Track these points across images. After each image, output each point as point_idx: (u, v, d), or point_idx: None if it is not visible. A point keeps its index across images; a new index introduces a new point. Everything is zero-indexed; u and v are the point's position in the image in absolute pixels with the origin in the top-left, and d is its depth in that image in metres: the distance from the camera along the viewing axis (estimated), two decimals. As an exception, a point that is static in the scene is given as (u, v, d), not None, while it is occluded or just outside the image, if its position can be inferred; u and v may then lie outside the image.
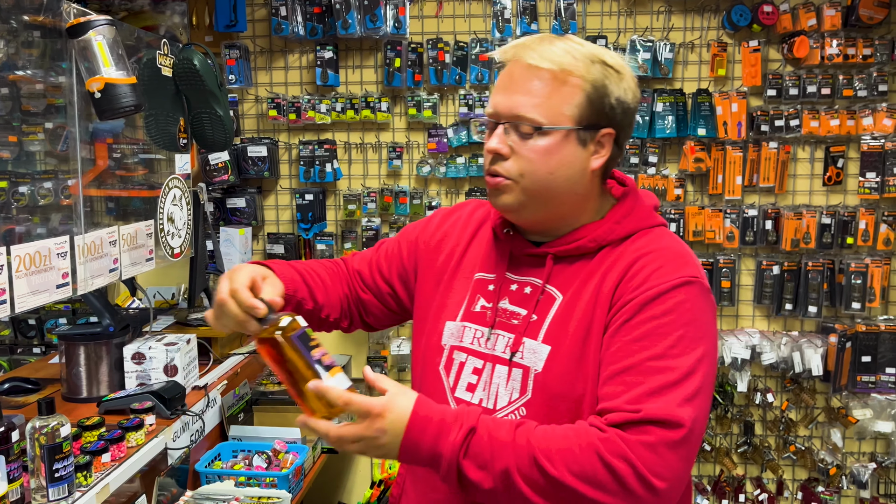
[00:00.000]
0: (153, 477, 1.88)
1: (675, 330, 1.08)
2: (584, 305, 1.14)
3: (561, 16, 3.01)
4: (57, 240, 1.66)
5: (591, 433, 1.03)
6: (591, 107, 1.15)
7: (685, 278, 1.11)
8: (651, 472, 1.00)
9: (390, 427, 1.04)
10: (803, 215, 3.02)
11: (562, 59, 1.14)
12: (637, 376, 1.06)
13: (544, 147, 1.14)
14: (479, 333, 1.22)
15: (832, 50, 2.93)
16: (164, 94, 2.12)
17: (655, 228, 1.21)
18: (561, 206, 1.19)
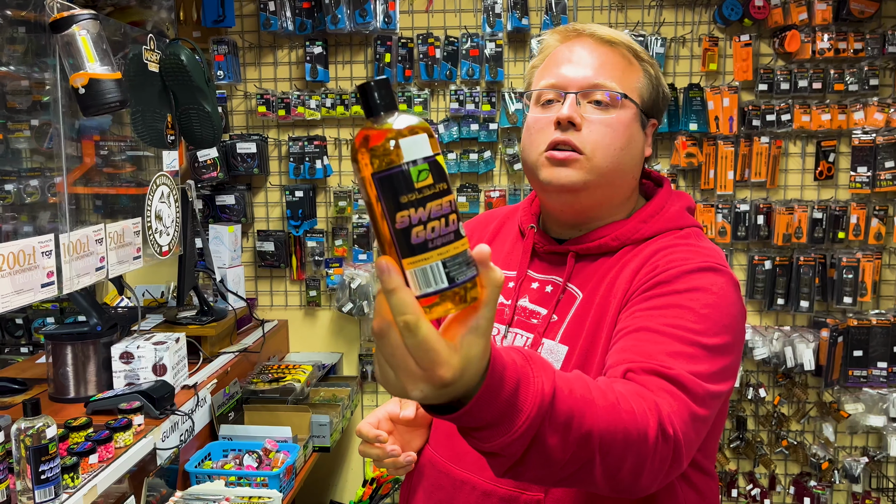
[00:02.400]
0: (142, 478, 1.86)
1: (699, 308, 0.98)
2: (598, 303, 1.10)
3: (552, 10, 3.00)
4: (41, 238, 1.64)
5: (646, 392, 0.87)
6: (652, 92, 1.17)
7: (711, 264, 1.05)
8: (687, 447, 0.87)
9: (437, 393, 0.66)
10: (795, 210, 3.02)
11: (630, 40, 1.17)
12: (656, 336, 0.95)
13: (620, 119, 1.12)
14: (496, 331, 1.18)
15: (823, 44, 2.93)
16: (151, 90, 2.09)
17: (683, 230, 1.16)
18: (620, 189, 1.17)
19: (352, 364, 3.27)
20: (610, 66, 1.14)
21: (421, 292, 0.62)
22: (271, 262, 3.19)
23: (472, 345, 0.65)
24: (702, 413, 0.90)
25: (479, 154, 3.11)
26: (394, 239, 0.62)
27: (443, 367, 0.63)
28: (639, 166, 1.18)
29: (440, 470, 1.18)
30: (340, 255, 3.18)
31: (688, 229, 1.17)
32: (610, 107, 1.12)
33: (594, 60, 1.14)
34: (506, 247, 1.27)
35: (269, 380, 2.66)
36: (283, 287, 3.26)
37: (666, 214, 1.17)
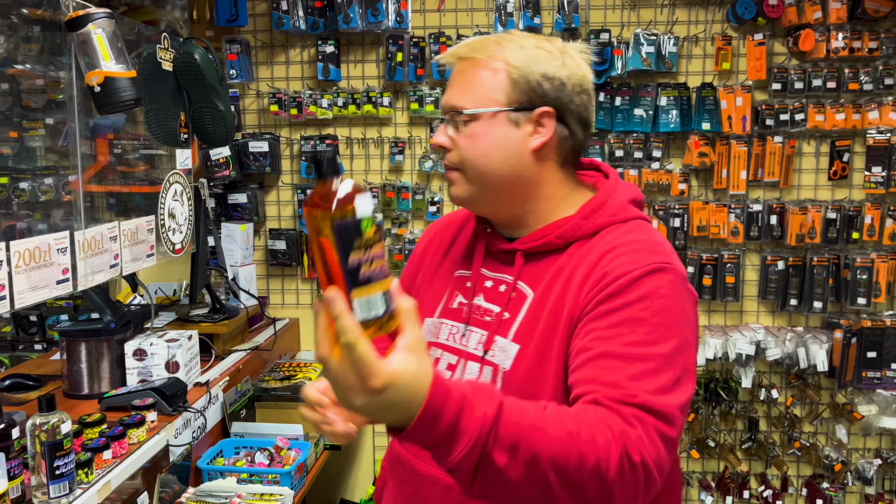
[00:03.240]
0: (155, 474, 1.87)
1: (651, 316, 1.03)
2: (552, 304, 1.12)
3: (564, 9, 2.99)
4: (57, 235, 1.65)
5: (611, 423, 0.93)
6: (515, 87, 1.15)
7: (657, 265, 1.08)
8: (653, 462, 0.93)
9: (377, 403, 0.79)
10: (808, 210, 3.00)
11: (482, 45, 1.17)
12: (617, 361, 1.00)
13: (473, 131, 1.16)
14: (455, 330, 1.22)
15: (838, 43, 2.91)
16: (164, 88, 2.10)
17: (628, 223, 1.17)
18: (508, 190, 1.18)
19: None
20: (463, 84, 1.17)
21: (362, 318, 0.77)
22: (283, 261, 3.20)
23: (402, 360, 0.79)
24: (671, 431, 0.97)
25: (490, 153, 3.10)
26: (345, 275, 0.77)
27: (374, 377, 0.77)
28: (521, 163, 1.16)
29: (406, 465, 1.22)
30: (352, 253, 3.18)
31: (632, 222, 1.18)
32: (469, 122, 1.16)
33: (453, 82, 1.19)
34: (464, 246, 1.31)
35: (281, 378, 2.67)
36: (294, 285, 3.27)
37: (609, 209, 1.18)
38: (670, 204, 3.08)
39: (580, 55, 1.19)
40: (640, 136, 3.06)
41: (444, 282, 1.29)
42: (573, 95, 1.16)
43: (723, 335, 3.06)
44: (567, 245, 1.16)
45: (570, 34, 3.05)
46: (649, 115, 3.03)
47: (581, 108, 1.18)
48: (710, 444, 3.15)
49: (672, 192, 3.07)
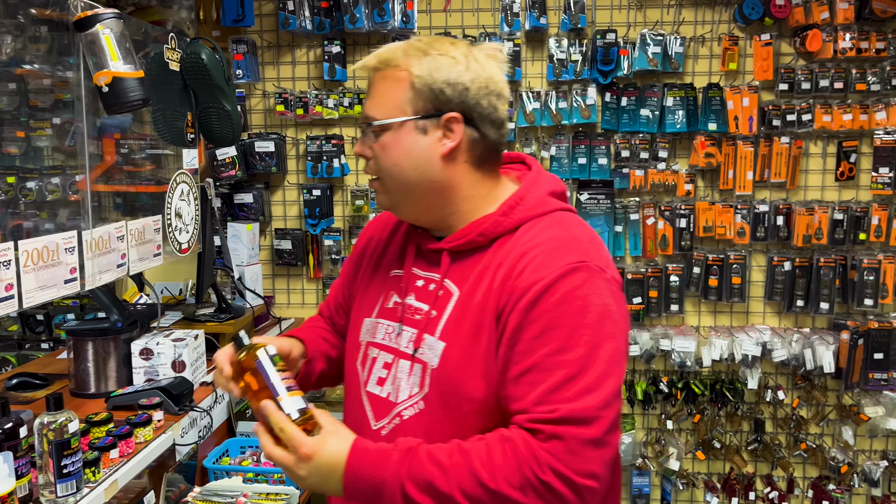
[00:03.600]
0: (161, 473, 1.88)
1: (568, 320, 1.08)
2: (477, 302, 1.16)
3: (570, 9, 2.99)
4: (65, 235, 1.66)
5: (520, 447, 1.05)
6: (419, 95, 1.17)
7: (569, 266, 1.11)
8: (582, 476, 1.03)
9: (316, 470, 1.08)
10: (815, 211, 2.99)
11: (389, 55, 1.19)
12: (539, 374, 1.07)
13: (385, 141, 1.19)
14: (390, 329, 1.26)
15: (845, 44, 2.90)
16: (171, 88, 2.11)
17: (546, 217, 1.20)
18: (424, 195, 1.21)
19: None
20: (374, 96, 1.21)
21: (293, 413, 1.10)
22: (288, 261, 3.21)
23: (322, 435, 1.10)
24: (595, 432, 1.04)
25: (496, 153, 3.10)
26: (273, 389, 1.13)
27: (302, 446, 1.07)
28: (432, 169, 1.19)
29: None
30: (357, 253, 3.18)
31: (551, 215, 1.20)
32: (381, 132, 1.19)
33: (369, 92, 1.23)
34: (400, 247, 1.33)
35: (287, 377, 2.67)
36: (300, 285, 3.27)
37: (528, 203, 1.20)
38: (676, 204, 3.07)
39: (487, 58, 1.20)
40: (646, 136, 3.05)
41: (381, 282, 1.32)
42: (479, 98, 1.18)
43: (729, 336, 3.06)
44: (490, 242, 1.19)
45: (576, 34, 3.05)
46: (655, 115, 3.02)
47: (490, 109, 1.19)
48: (715, 446, 3.15)
49: (678, 193, 3.07)
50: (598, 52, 2.98)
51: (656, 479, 3.26)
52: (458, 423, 1.15)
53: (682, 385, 3.13)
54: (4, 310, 1.46)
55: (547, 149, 3.10)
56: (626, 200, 3.12)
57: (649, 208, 3.09)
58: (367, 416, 1.25)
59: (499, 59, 1.22)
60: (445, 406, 1.15)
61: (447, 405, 1.15)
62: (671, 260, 3.15)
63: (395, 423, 1.20)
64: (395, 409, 1.20)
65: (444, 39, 1.21)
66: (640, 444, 3.22)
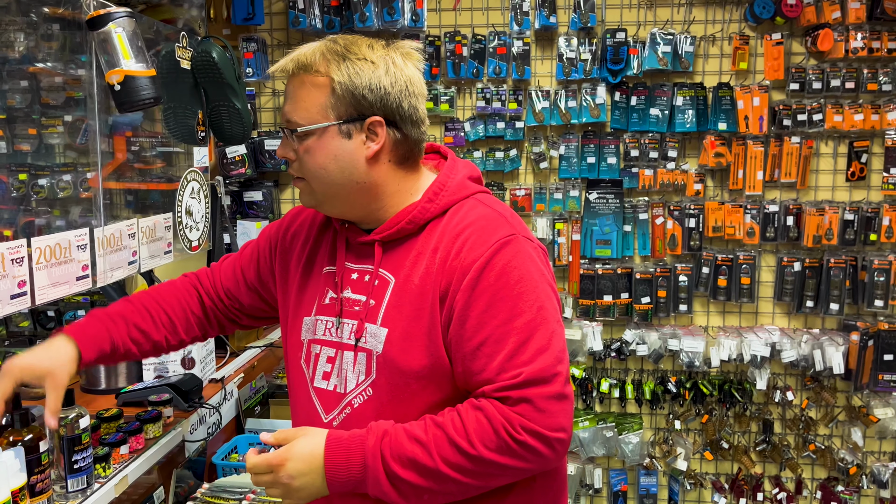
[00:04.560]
0: (171, 469, 1.89)
1: (510, 290, 1.16)
2: (416, 284, 1.20)
3: (580, 8, 2.98)
4: (77, 232, 1.67)
5: (492, 413, 1.12)
6: (341, 101, 1.20)
7: (501, 240, 1.18)
8: (553, 430, 1.11)
9: (296, 471, 1.15)
10: (825, 211, 2.98)
11: (307, 60, 1.21)
12: (494, 345, 1.14)
13: (309, 146, 1.22)
14: (330, 324, 1.29)
15: (857, 43, 2.89)
16: (182, 87, 2.11)
17: (469, 199, 1.26)
18: (350, 196, 1.24)
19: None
20: (293, 100, 1.23)
21: None
22: (297, 259, 3.21)
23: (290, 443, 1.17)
24: (555, 387, 1.13)
25: (504, 152, 3.11)
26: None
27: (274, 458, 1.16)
28: (358, 170, 1.23)
29: None
30: (366, 251, 3.19)
31: (473, 198, 1.27)
32: (305, 137, 1.22)
33: (288, 96, 1.25)
34: (329, 243, 1.36)
35: (295, 375, 2.68)
36: (308, 283, 3.28)
37: (450, 188, 1.26)
38: (686, 204, 3.06)
39: (404, 59, 1.23)
40: (655, 135, 3.04)
41: (316, 280, 1.35)
42: (400, 101, 1.22)
43: (738, 336, 3.05)
44: (420, 228, 1.24)
45: (586, 33, 3.04)
46: (665, 114, 3.01)
47: (411, 110, 1.23)
48: (723, 446, 3.14)
49: (688, 193, 3.06)
50: (608, 51, 2.98)
51: (664, 479, 3.25)
52: (407, 403, 1.20)
53: (691, 385, 3.12)
54: (17, 306, 1.48)
55: (556, 148, 3.09)
56: (636, 200, 3.12)
57: (658, 208, 3.08)
58: (317, 411, 1.28)
59: (415, 59, 1.25)
60: (394, 388, 1.20)
61: (396, 387, 1.20)
62: (680, 260, 3.14)
63: (345, 412, 1.24)
64: (345, 400, 1.24)
65: (361, 41, 1.23)
66: (648, 444, 3.22)
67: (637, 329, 3.11)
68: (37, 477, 1.37)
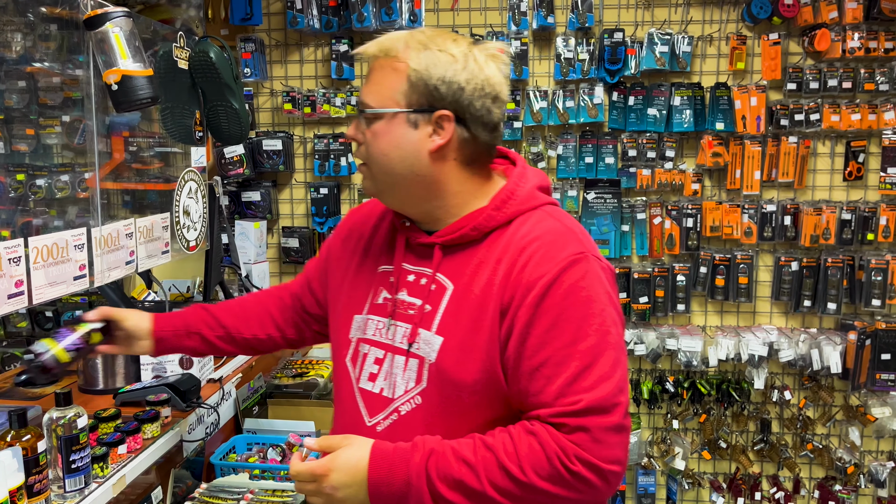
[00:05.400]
0: (169, 469, 1.89)
1: (577, 311, 1.11)
2: (476, 295, 1.17)
3: (578, 8, 2.98)
4: (74, 232, 1.67)
5: (546, 440, 1.08)
6: (414, 89, 1.17)
7: (570, 258, 1.13)
8: (608, 462, 1.07)
9: (339, 482, 1.12)
10: (823, 211, 2.99)
11: (390, 45, 1.19)
12: (555, 368, 1.10)
13: (376, 130, 1.20)
14: (381, 324, 1.26)
15: (854, 43, 2.89)
16: (180, 87, 2.11)
17: (537, 210, 1.22)
18: (408, 187, 1.21)
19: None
20: (370, 83, 1.22)
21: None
22: (296, 259, 3.22)
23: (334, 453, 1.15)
24: (615, 417, 1.08)
25: (503, 152, 3.11)
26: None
27: (318, 468, 1.14)
28: (419, 163, 1.19)
29: None
30: (364, 251, 3.19)
31: (542, 209, 1.22)
32: (374, 120, 1.20)
33: (367, 78, 1.24)
34: (385, 241, 1.33)
35: (293, 374, 2.68)
36: (306, 283, 3.28)
37: (519, 197, 1.22)
38: (683, 204, 3.07)
39: (487, 58, 1.20)
40: (653, 135, 3.05)
41: (369, 278, 1.32)
42: (473, 99, 1.18)
43: (735, 336, 3.05)
44: (484, 236, 1.20)
45: (583, 33, 3.04)
46: (663, 114, 3.02)
47: (483, 111, 1.19)
48: (721, 445, 3.14)
49: (685, 192, 3.06)
50: (606, 51, 2.98)
51: (662, 479, 3.26)
52: (458, 417, 1.16)
53: (689, 385, 3.13)
54: (14, 306, 1.48)
55: (554, 148, 3.10)
56: (633, 200, 3.12)
57: (656, 208, 3.09)
58: (360, 412, 1.25)
59: (500, 61, 1.21)
60: (445, 400, 1.16)
61: (447, 398, 1.16)
62: (678, 259, 3.14)
63: (392, 419, 1.21)
64: (392, 405, 1.20)
65: (447, 35, 1.21)
66: (646, 444, 3.22)
67: (635, 329, 3.11)
68: (35, 477, 1.37)
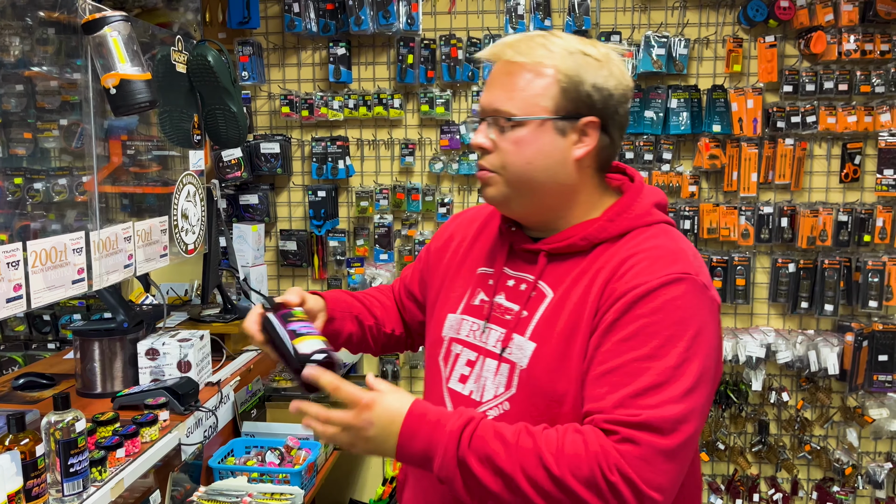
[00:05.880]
0: (167, 472, 1.89)
1: (664, 329, 1.05)
2: (573, 304, 1.13)
3: (574, 11, 2.99)
4: (72, 235, 1.67)
5: (592, 441, 1.01)
6: (565, 96, 1.14)
7: (675, 275, 1.08)
8: (648, 486, 0.99)
9: (377, 419, 1.06)
10: (820, 212, 3.00)
11: (535, 51, 1.15)
12: (624, 377, 1.04)
13: (519, 138, 1.15)
14: (476, 326, 1.24)
15: (849, 45, 2.90)
16: (178, 90, 2.12)
17: (652, 227, 1.18)
18: (546, 196, 1.18)
19: (372, 363, 3.29)
20: (509, 88, 1.15)
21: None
22: (294, 262, 3.22)
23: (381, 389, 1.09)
24: (671, 443, 1.01)
25: (500, 155, 3.11)
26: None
27: (364, 397, 1.07)
28: (563, 171, 1.17)
29: None
30: (362, 254, 3.20)
31: (656, 226, 1.18)
32: (514, 127, 1.15)
33: (498, 84, 1.17)
34: (488, 244, 1.31)
35: (292, 377, 2.68)
36: (305, 286, 3.29)
37: (633, 212, 1.18)
38: (680, 206, 3.07)
39: (621, 61, 1.19)
40: (650, 137, 3.06)
41: (467, 279, 1.30)
42: (618, 105, 1.16)
43: (733, 338, 3.06)
44: (591, 247, 1.16)
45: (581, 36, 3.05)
46: (660, 117, 3.03)
47: (624, 117, 1.19)
48: (719, 447, 3.15)
49: (682, 195, 3.07)
50: (603, 54, 2.98)
51: (660, 481, 3.26)
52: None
53: (686, 386, 3.13)
54: (13, 310, 1.48)
55: (551, 150, 3.10)
56: (631, 202, 3.12)
57: (653, 210, 3.09)
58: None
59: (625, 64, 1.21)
60: (533, 408, 1.13)
61: (535, 407, 1.12)
62: (675, 261, 3.14)
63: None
64: (479, 409, 1.17)
65: (580, 38, 1.18)
66: (644, 446, 3.22)
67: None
68: (33, 481, 1.37)
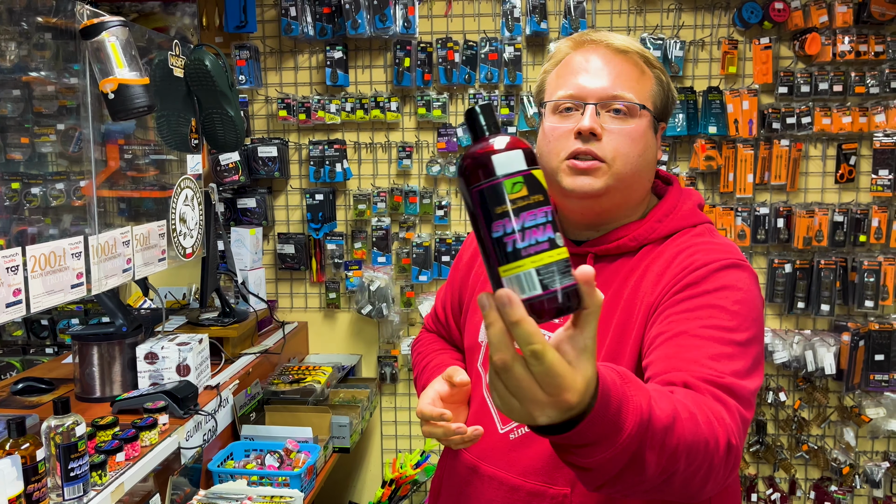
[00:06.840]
0: (167, 476, 1.89)
1: (730, 305, 1.02)
2: (624, 303, 1.13)
3: (571, 14, 3.00)
4: (71, 240, 1.67)
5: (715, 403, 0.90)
6: (663, 98, 1.19)
7: (735, 261, 1.09)
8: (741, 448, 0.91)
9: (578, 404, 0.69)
10: (815, 213, 3.01)
11: (641, 47, 1.19)
12: (694, 339, 0.98)
13: (637, 128, 1.15)
14: None
15: (844, 47, 2.92)
16: (175, 94, 2.12)
17: (697, 227, 1.19)
18: (637, 192, 1.20)
19: (370, 366, 3.29)
20: (625, 77, 1.16)
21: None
22: (292, 265, 3.22)
23: (587, 366, 0.67)
24: (749, 415, 0.95)
25: (497, 157, 3.12)
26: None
27: (568, 391, 0.66)
28: (653, 169, 1.22)
29: (468, 465, 1.21)
30: (360, 257, 3.20)
31: (701, 226, 1.20)
32: (628, 116, 1.15)
33: (610, 70, 1.16)
34: None
35: (290, 381, 2.69)
36: (303, 289, 3.29)
37: (679, 213, 1.20)
38: (677, 207, 3.08)
39: None
40: (646, 139, 3.07)
41: None
42: (671, 114, 1.24)
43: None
44: (639, 248, 1.17)
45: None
46: (656, 118, 3.04)
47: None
48: (717, 448, 3.15)
49: (679, 196, 3.08)
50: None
51: (658, 482, 3.27)
52: None
53: (684, 387, 3.14)
54: (12, 314, 1.48)
55: (548, 152, 3.11)
56: (627, 203, 3.13)
57: (650, 211, 3.10)
58: (492, 418, 1.20)
59: None
60: None
61: None
62: (672, 262, 3.15)
63: (524, 428, 1.14)
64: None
65: None
66: (643, 447, 3.23)
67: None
68: (34, 485, 1.37)
